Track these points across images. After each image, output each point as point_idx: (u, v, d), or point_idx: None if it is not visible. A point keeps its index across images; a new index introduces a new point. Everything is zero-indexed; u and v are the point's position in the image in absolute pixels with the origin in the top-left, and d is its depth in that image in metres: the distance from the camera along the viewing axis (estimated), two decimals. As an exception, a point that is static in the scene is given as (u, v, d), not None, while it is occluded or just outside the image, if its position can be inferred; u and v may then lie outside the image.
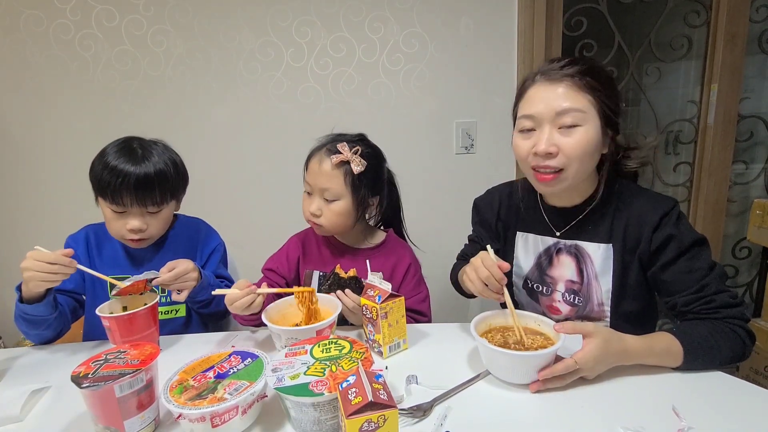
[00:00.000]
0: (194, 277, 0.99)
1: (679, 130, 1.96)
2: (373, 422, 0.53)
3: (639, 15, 1.84)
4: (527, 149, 0.86)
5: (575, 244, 0.94)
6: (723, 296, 0.80)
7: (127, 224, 1.00)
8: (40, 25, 1.56)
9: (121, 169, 0.96)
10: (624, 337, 0.76)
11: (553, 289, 0.98)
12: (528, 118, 0.86)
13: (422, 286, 1.14)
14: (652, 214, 0.86)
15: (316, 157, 1.04)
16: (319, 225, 1.05)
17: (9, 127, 1.63)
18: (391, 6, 1.63)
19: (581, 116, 0.81)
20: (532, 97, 0.86)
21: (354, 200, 1.04)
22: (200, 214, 1.26)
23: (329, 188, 1.02)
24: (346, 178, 1.02)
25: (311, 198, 1.05)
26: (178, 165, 1.08)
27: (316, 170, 1.02)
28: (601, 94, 0.82)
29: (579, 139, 0.82)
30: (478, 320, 0.82)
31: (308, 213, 1.05)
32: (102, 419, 0.63)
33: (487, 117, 1.75)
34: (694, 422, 0.63)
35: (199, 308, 1.09)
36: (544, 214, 0.99)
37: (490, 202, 1.09)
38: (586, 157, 0.83)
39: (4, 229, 1.70)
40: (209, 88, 1.65)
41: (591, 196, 0.92)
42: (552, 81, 0.83)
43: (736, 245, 2.07)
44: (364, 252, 1.13)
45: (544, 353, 0.71)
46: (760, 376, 1.66)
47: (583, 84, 0.82)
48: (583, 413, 0.68)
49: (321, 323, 0.84)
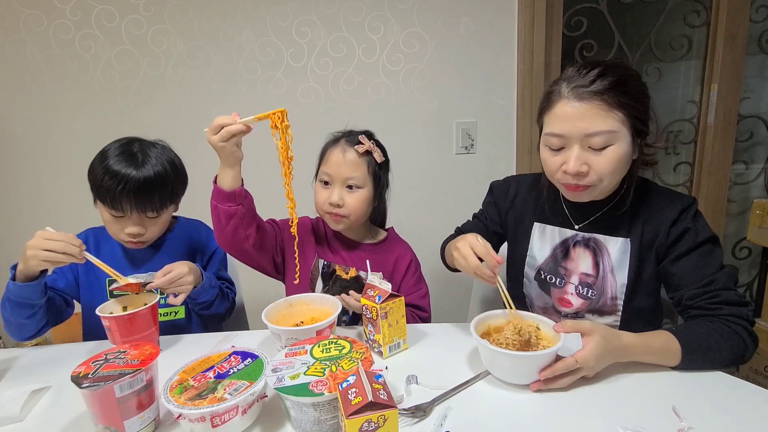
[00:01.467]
0: (190, 281, 0.98)
1: (679, 130, 1.97)
2: (373, 422, 0.53)
3: (639, 15, 1.84)
4: (556, 166, 0.86)
5: (593, 237, 0.95)
6: (729, 293, 0.80)
7: (125, 229, 1.01)
8: (40, 25, 1.56)
9: (121, 175, 0.95)
10: (621, 334, 0.76)
11: (567, 281, 0.98)
12: (556, 137, 0.84)
13: (422, 283, 1.15)
14: (671, 209, 0.88)
15: (336, 147, 1.05)
16: (340, 215, 1.04)
17: (9, 126, 1.63)
18: (391, 6, 1.63)
19: (612, 136, 0.79)
20: (559, 115, 0.83)
21: (374, 190, 1.07)
22: (200, 214, 1.26)
23: (354, 176, 1.03)
24: (369, 168, 1.05)
25: (330, 188, 1.05)
26: (178, 168, 1.07)
27: (340, 160, 1.03)
28: (632, 109, 0.80)
29: (610, 157, 0.81)
30: (477, 321, 0.82)
31: (326, 204, 1.05)
32: (102, 419, 0.63)
33: (487, 117, 1.75)
34: (694, 422, 0.63)
35: (200, 310, 1.09)
36: (565, 208, 0.99)
37: (506, 190, 1.10)
38: (617, 172, 0.84)
39: (3, 229, 1.70)
40: (209, 88, 1.65)
41: (614, 193, 0.93)
42: (581, 99, 0.80)
43: (736, 245, 2.07)
44: (366, 247, 1.14)
45: (545, 353, 0.71)
46: (760, 376, 1.66)
47: (614, 102, 0.78)
48: (583, 413, 0.68)
49: (321, 323, 0.84)
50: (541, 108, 0.90)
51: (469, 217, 1.20)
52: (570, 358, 0.71)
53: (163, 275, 0.94)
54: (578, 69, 0.83)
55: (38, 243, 0.86)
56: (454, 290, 1.84)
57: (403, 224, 1.80)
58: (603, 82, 0.79)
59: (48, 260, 0.87)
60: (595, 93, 0.79)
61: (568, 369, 0.71)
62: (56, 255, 0.87)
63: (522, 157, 1.77)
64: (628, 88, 0.79)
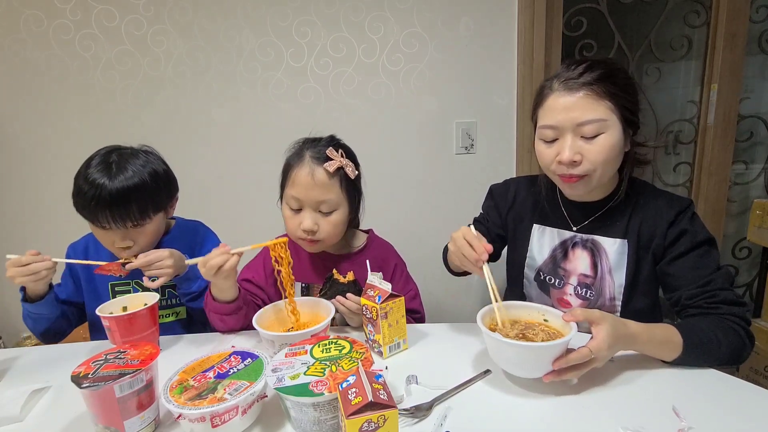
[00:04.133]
0: (168, 264, 0.96)
1: (679, 130, 1.96)
2: (373, 422, 0.53)
3: (639, 15, 1.84)
4: (551, 157, 0.87)
5: (591, 238, 0.95)
6: (727, 293, 0.81)
7: (114, 243, 1.01)
8: (40, 25, 1.56)
9: (94, 186, 0.94)
10: (627, 323, 0.76)
11: (566, 282, 0.98)
12: (549, 129, 0.86)
13: (410, 284, 1.12)
14: (668, 211, 0.89)
15: (302, 167, 0.95)
16: (315, 240, 0.97)
17: (9, 127, 1.63)
18: (391, 6, 1.63)
19: (603, 125, 0.82)
20: (551, 107, 0.86)
21: (350, 207, 0.99)
22: (199, 214, 1.26)
23: (327, 199, 0.94)
24: (342, 186, 0.96)
25: (301, 214, 0.97)
26: (160, 176, 1.03)
27: (309, 182, 0.93)
28: (621, 99, 0.83)
29: (603, 145, 0.82)
30: (483, 313, 0.80)
31: (300, 231, 0.96)
32: (102, 419, 0.63)
33: (487, 117, 1.75)
34: (694, 422, 0.63)
35: (187, 301, 1.08)
36: (563, 209, 1.00)
37: (506, 192, 1.10)
38: (610, 161, 0.85)
39: (3, 229, 1.70)
40: (209, 88, 1.65)
41: (611, 193, 0.94)
42: (571, 90, 0.83)
43: (736, 245, 2.07)
44: (346, 258, 1.09)
45: (557, 343, 0.69)
46: (760, 376, 1.66)
47: (602, 91, 0.82)
48: (583, 413, 0.68)
49: (315, 327, 0.83)
50: (535, 104, 0.93)
51: (468, 217, 1.20)
52: (584, 348, 0.69)
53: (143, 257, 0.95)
54: (567, 65, 0.88)
55: (14, 272, 0.91)
56: (454, 290, 1.85)
57: (403, 224, 1.81)
58: (591, 74, 0.83)
59: (35, 281, 0.92)
60: (584, 84, 0.83)
61: (583, 359, 0.69)
62: (35, 275, 0.91)
63: (522, 156, 1.77)
64: (615, 80, 0.83)
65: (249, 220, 1.72)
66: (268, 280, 1.08)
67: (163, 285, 0.99)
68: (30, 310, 0.99)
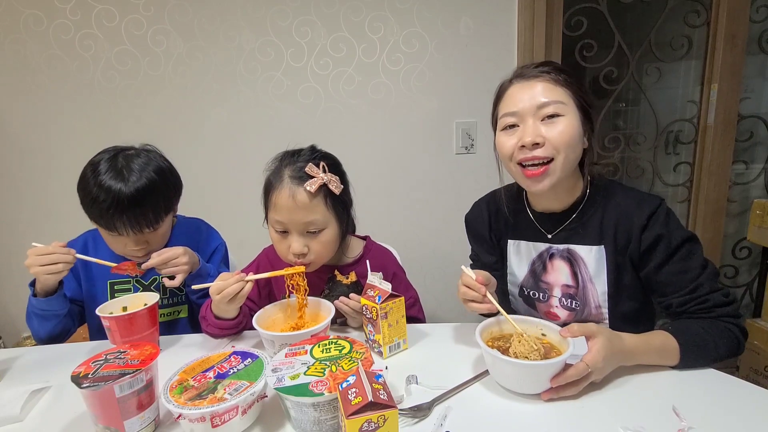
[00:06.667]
0: (184, 261, 0.98)
1: (679, 130, 1.96)
2: (373, 422, 0.53)
3: (639, 15, 1.84)
4: (512, 145, 0.88)
5: (567, 248, 0.94)
6: (716, 295, 0.81)
7: (126, 246, 1.00)
8: (40, 25, 1.56)
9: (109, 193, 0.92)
10: (622, 336, 0.76)
11: (550, 295, 0.97)
12: (511, 115, 0.88)
13: (410, 292, 1.09)
14: (639, 214, 0.86)
15: (282, 189, 0.89)
16: (307, 263, 0.93)
17: (9, 126, 1.63)
18: (391, 6, 1.63)
19: (562, 107, 0.84)
20: (512, 96, 0.89)
21: (339, 224, 0.94)
22: (200, 213, 1.26)
23: (313, 220, 0.89)
24: (327, 204, 0.90)
25: (288, 237, 0.92)
26: (167, 173, 1.03)
27: (290, 205, 0.87)
28: (577, 89, 0.86)
29: (563, 127, 0.83)
30: (482, 328, 0.80)
31: (289, 255, 0.92)
32: (102, 419, 0.63)
33: (487, 117, 1.72)
34: (694, 422, 0.63)
35: (197, 299, 1.08)
36: (534, 219, 0.99)
37: (479, 215, 1.08)
38: (571, 147, 0.84)
39: (4, 229, 1.70)
40: (209, 88, 1.65)
41: (578, 198, 0.93)
42: (529, 79, 0.87)
43: (736, 245, 2.07)
44: (343, 269, 1.06)
45: (555, 362, 0.68)
46: (760, 376, 1.66)
47: (559, 79, 0.85)
48: (583, 413, 0.68)
49: (315, 327, 0.83)
50: (495, 103, 0.96)
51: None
52: (581, 363, 0.69)
53: (158, 256, 0.96)
54: (523, 66, 0.92)
55: (33, 261, 0.90)
56: (454, 290, 1.84)
57: (403, 224, 1.81)
58: (546, 67, 0.88)
59: (51, 272, 0.91)
60: (541, 72, 0.87)
61: (580, 375, 0.69)
62: (54, 267, 0.90)
63: (522, 157, 1.77)
64: (569, 74, 0.87)
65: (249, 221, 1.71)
66: (261, 293, 1.07)
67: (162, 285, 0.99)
68: (41, 306, 0.97)
